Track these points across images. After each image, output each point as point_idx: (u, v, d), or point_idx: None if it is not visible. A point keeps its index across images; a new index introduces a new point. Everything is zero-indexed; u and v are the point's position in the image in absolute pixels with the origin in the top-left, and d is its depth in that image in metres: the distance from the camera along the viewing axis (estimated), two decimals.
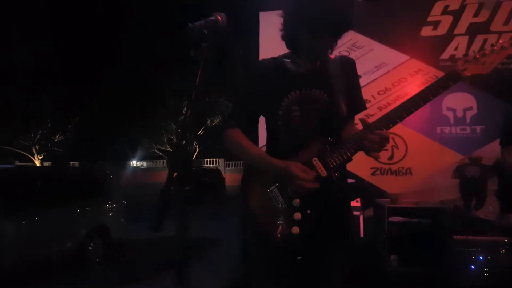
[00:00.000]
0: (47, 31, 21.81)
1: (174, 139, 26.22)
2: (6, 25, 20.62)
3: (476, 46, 4.99)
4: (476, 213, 4.35)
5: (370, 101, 5.11)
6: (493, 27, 4.97)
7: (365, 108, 1.90)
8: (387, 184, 4.94)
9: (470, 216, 4.32)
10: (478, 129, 4.87)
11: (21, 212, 5.60)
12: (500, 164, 4.51)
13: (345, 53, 5.28)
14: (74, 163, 25.91)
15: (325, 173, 1.62)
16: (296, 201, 1.64)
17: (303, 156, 1.66)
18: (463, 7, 5.09)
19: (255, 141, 3.78)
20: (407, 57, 5.16)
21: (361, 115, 1.85)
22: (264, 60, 1.86)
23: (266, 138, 1.87)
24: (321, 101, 1.73)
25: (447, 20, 5.13)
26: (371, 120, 1.73)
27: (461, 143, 4.90)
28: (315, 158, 1.64)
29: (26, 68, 21.03)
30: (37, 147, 24.51)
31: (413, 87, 5.05)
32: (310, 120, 1.72)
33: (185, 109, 1.18)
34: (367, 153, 1.68)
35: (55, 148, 25.33)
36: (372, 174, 5.06)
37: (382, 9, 5.40)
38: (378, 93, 5.15)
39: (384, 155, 5.06)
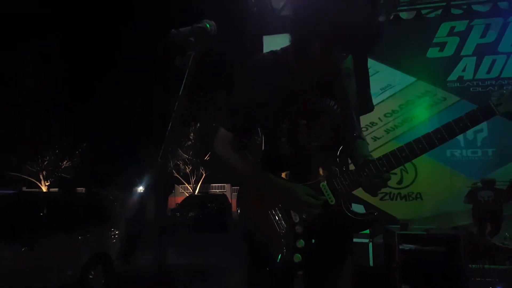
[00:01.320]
0: (56, 57, 22.25)
1: (181, 165, 26.15)
2: (15, 50, 21.08)
3: (484, 67, 4.90)
4: (492, 240, 4.12)
5: (377, 124, 4.99)
6: (501, 48, 4.87)
7: (372, 109, 1.69)
8: (397, 209, 4.75)
9: (486, 243, 4.09)
10: (490, 151, 4.71)
11: (21, 238, 5.47)
12: None
13: None
14: (81, 189, 25.85)
15: (334, 201, 1.43)
16: (300, 228, 1.47)
17: (310, 178, 1.46)
18: (469, 28, 5.03)
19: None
20: (413, 79, 5.06)
21: (368, 138, 1.63)
22: (263, 55, 1.56)
23: (263, 154, 1.59)
24: (332, 114, 1.49)
25: (454, 41, 5.05)
26: (375, 147, 1.57)
27: (473, 167, 4.73)
28: (324, 184, 1.44)
29: (36, 93, 21.33)
30: (44, 173, 24.56)
31: (421, 109, 4.94)
32: (318, 136, 1.48)
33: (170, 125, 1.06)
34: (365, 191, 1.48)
35: (62, 174, 25.37)
36: (381, 199, 4.88)
37: (388, 31, 5.35)
38: (385, 115, 5.03)
39: (393, 179, 4.83)
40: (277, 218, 1.49)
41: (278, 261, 1.46)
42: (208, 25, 1.16)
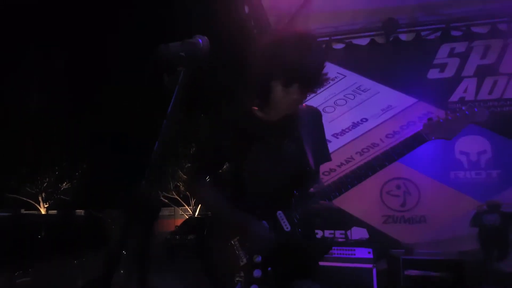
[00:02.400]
0: (56, 80, 22.43)
1: (181, 186, 25.96)
2: (15, 74, 21.27)
3: (486, 88, 4.86)
4: (499, 266, 3.98)
5: (378, 145, 4.91)
6: (502, 69, 4.84)
7: (329, 160, 1.85)
8: (401, 233, 4.63)
9: (493, 269, 3.95)
10: (495, 173, 4.61)
11: (14, 263, 5.34)
12: None
13: (350, 96, 5.17)
14: (80, 211, 25.60)
15: (289, 228, 1.55)
16: (257, 257, 1.55)
17: (268, 208, 1.59)
18: (469, 49, 5.02)
19: None
20: (414, 100, 5.01)
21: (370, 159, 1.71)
22: (232, 105, 1.81)
23: (230, 188, 1.77)
24: (290, 153, 1.67)
25: (454, 62, 5.04)
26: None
27: (477, 189, 4.62)
28: (280, 212, 1.57)
29: (36, 115, 21.39)
30: (43, 194, 24.38)
31: None
32: (278, 171, 1.65)
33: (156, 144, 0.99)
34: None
35: (62, 196, 25.17)
36: (384, 222, 4.76)
37: (386, 52, 5.36)
38: (387, 136, 4.97)
39: (396, 202, 4.79)
40: (235, 249, 1.58)
41: None
42: (200, 41, 1.10)
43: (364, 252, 3.95)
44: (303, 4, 5.20)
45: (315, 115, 1.82)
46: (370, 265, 3.85)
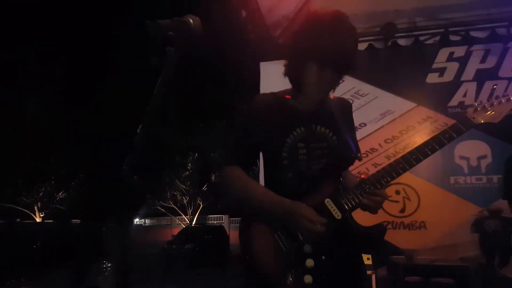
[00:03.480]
0: (53, 88, 22.40)
1: (178, 196, 25.81)
2: (11, 82, 21.23)
3: (485, 92, 4.82)
4: (502, 272, 3.90)
5: (377, 150, 4.85)
6: (502, 73, 4.81)
7: (359, 151, 1.80)
8: (400, 239, 4.53)
9: (495, 274, 3.87)
10: (495, 178, 4.54)
11: (6, 273, 5.22)
12: None
13: (349, 101, 5.12)
14: (76, 221, 25.38)
15: (340, 216, 1.50)
16: (308, 246, 1.48)
17: (313, 197, 1.53)
18: (468, 53, 4.99)
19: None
20: (413, 105, 4.96)
21: (368, 165, 1.78)
22: (264, 94, 1.78)
23: (265, 179, 1.73)
24: (328, 140, 1.66)
25: (453, 66, 5.00)
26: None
27: (478, 194, 4.55)
28: (328, 200, 1.52)
29: (33, 125, 21.33)
30: (39, 204, 24.19)
31: (422, 135, 4.81)
32: (318, 158, 1.62)
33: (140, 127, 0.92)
34: (363, 209, 1.60)
35: (58, 206, 24.97)
36: None
37: (384, 57, 5.32)
38: (385, 141, 4.90)
39: (395, 208, 4.70)
40: (283, 239, 1.50)
41: (287, 285, 1.42)
42: (191, 21, 1.04)
43: (363, 258, 3.86)
44: (300, 8, 5.19)
45: (347, 106, 1.83)
46: (369, 272, 3.76)
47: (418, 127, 4.87)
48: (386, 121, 4.99)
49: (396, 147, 4.84)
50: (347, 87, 5.21)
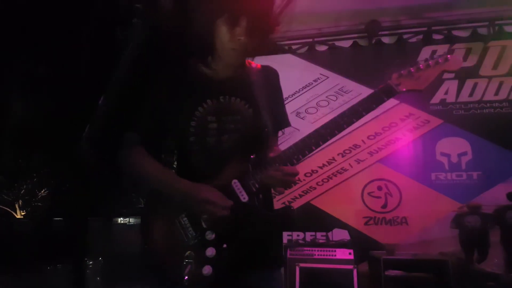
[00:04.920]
0: (38, 88, 21.99)
1: None
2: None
3: (466, 91, 4.89)
4: (481, 266, 3.96)
5: (360, 146, 4.88)
6: (482, 72, 4.88)
7: (288, 125, 1.62)
8: (382, 234, 4.58)
9: (474, 269, 3.92)
10: (475, 175, 4.61)
11: None
12: (501, 211, 4.21)
13: (333, 98, 5.14)
14: (59, 219, 24.97)
15: (246, 198, 1.33)
16: (211, 234, 1.32)
17: (221, 178, 1.37)
18: (450, 52, 5.04)
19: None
20: (396, 102, 5.00)
21: (351, 160, 1.56)
22: (175, 63, 1.56)
23: (176, 162, 1.53)
24: (243, 113, 1.45)
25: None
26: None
27: (458, 190, 4.61)
28: (235, 180, 1.35)
29: (16, 123, 20.90)
30: (20, 202, 23.73)
31: (404, 131, 4.86)
32: (230, 134, 1.43)
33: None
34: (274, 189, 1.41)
35: (39, 204, 24.53)
36: (366, 224, 4.70)
37: (369, 54, 5.36)
38: (368, 137, 4.93)
39: (377, 203, 4.74)
40: (184, 226, 1.34)
41: (185, 278, 1.28)
42: None
43: (345, 253, 3.88)
44: (285, 5, 5.17)
45: (271, 75, 1.60)
46: (350, 266, 3.78)
47: (401, 124, 4.92)
48: (369, 118, 4.99)
49: (378, 143, 4.88)
50: (332, 84, 5.23)
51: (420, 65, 1.46)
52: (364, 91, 5.14)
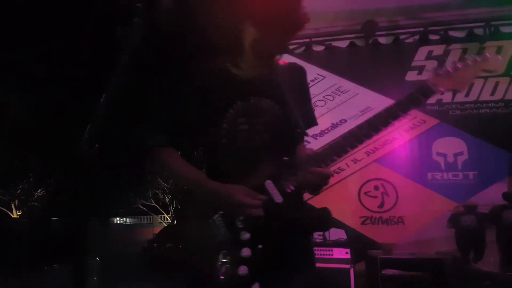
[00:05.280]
0: (35, 88, 21.89)
1: (160, 194, 25.58)
2: None
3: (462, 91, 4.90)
4: (477, 265, 3.98)
5: (356, 146, 4.89)
6: None
7: (316, 124, 1.59)
8: (379, 234, 4.59)
9: (470, 268, 3.95)
10: (471, 175, 4.63)
11: None
12: (497, 211, 4.24)
13: (330, 97, 5.15)
14: (55, 219, 24.90)
15: (281, 199, 1.32)
16: (245, 234, 1.31)
17: (254, 178, 1.35)
18: (447, 52, 5.08)
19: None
20: (393, 102, 5.01)
21: (348, 160, 1.53)
22: (201, 63, 1.53)
23: (207, 160, 1.50)
24: (273, 113, 1.43)
25: (432, 64, 5.07)
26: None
27: (454, 190, 4.64)
28: (269, 181, 1.33)
29: (13, 123, 20.82)
30: (16, 202, 23.65)
31: (400, 131, 4.88)
32: (261, 134, 1.41)
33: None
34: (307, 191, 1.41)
35: (35, 204, 24.45)
36: (362, 223, 4.72)
37: (365, 55, 5.37)
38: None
39: (374, 203, 4.76)
40: (219, 226, 1.33)
41: (221, 278, 1.27)
42: None
43: (342, 253, 3.89)
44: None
45: (299, 72, 1.57)
46: (347, 266, 3.79)
47: (397, 124, 4.89)
48: (365, 118, 5.02)
49: (375, 143, 4.89)
50: (328, 84, 5.25)
51: (458, 65, 1.39)
52: (361, 91, 5.17)
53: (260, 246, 1.29)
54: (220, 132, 1.40)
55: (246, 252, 1.28)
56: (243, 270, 1.27)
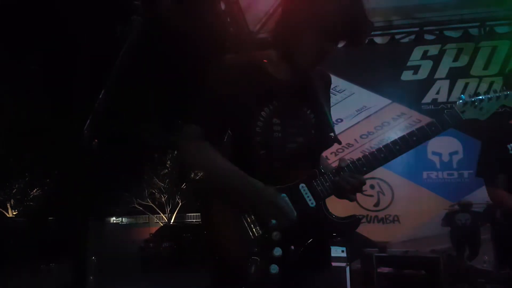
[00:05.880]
0: (31, 87, 21.79)
1: (157, 194, 25.54)
2: None
3: (457, 90, 4.95)
4: (472, 263, 4.02)
5: (353, 145, 4.92)
6: (473, 72, 4.95)
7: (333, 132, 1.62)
8: (374, 232, 4.62)
9: (465, 266, 3.98)
10: (466, 173, 4.68)
11: None
12: (492, 209, 4.27)
13: None
14: (51, 219, 24.80)
15: (314, 203, 1.34)
16: (277, 234, 1.32)
17: (287, 180, 1.36)
18: (442, 52, 5.12)
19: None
20: (388, 101, 5.06)
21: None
22: (236, 56, 1.48)
23: (232, 156, 1.48)
24: (305, 118, 1.45)
25: (427, 64, 5.12)
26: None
27: (449, 189, 4.68)
28: (303, 184, 1.35)
29: (7, 122, 20.72)
30: (12, 201, 23.53)
31: (396, 131, 4.91)
32: (294, 137, 1.41)
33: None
34: (339, 196, 1.39)
35: (31, 203, 24.34)
36: None
37: (362, 54, 5.39)
38: (361, 136, 4.98)
39: (370, 202, 4.79)
40: (250, 224, 1.34)
41: (251, 274, 1.29)
42: None
43: (338, 251, 3.91)
44: (279, 4, 5.21)
45: (328, 81, 1.58)
46: (343, 264, 3.81)
47: (393, 123, 4.97)
48: (362, 117, 5.08)
49: (371, 142, 4.93)
50: None
51: (483, 98, 1.54)
52: (357, 91, 5.20)
53: (292, 247, 1.32)
54: (255, 130, 1.40)
55: (278, 251, 1.30)
56: (275, 269, 1.29)
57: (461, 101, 1.53)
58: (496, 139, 2.41)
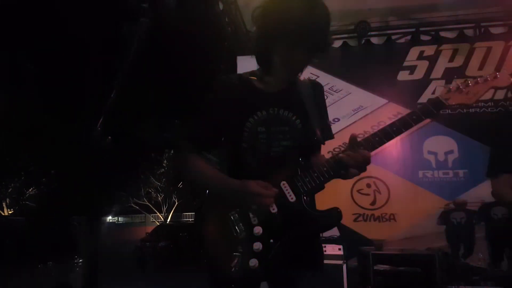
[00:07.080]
0: (27, 86, 21.68)
1: (153, 193, 25.50)
2: None
3: None
4: (467, 261, 4.07)
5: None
6: (468, 72, 5.01)
7: (332, 137, 1.71)
8: (371, 231, 4.68)
9: (460, 263, 4.03)
10: (461, 172, 4.73)
11: None
12: (486, 208, 4.33)
13: None
14: (47, 217, 24.69)
15: (294, 198, 1.42)
16: (258, 229, 1.39)
17: (270, 179, 1.45)
18: (438, 52, 5.17)
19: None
20: (385, 101, 5.11)
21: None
22: (228, 76, 1.67)
23: (227, 163, 1.63)
24: (291, 124, 1.56)
25: (423, 65, 5.17)
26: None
27: (445, 188, 4.74)
28: (284, 182, 1.45)
29: (3, 121, 20.61)
30: (7, 200, 23.43)
31: None
32: (279, 141, 1.54)
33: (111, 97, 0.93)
34: (342, 176, 1.47)
35: (27, 202, 24.24)
36: (355, 220, 4.80)
37: (358, 54, 5.45)
38: (357, 136, 5.02)
39: (366, 200, 4.84)
40: (234, 222, 1.44)
41: (234, 271, 1.37)
42: None
43: (334, 249, 3.95)
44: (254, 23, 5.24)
45: (318, 89, 1.70)
46: (340, 262, 3.85)
47: (389, 123, 5.01)
48: (358, 117, 5.12)
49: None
50: (322, 83, 5.31)
51: (469, 82, 1.53)
52: (353, 91, 5.25)
53: (271, 241, 1.38)
54: (241, 139, 1.53)
55: (257, 245, 1.36)
56: (253, 262, 1.35)
57: (444, 88, 1.56)
58: (505, 142, 2.42)
